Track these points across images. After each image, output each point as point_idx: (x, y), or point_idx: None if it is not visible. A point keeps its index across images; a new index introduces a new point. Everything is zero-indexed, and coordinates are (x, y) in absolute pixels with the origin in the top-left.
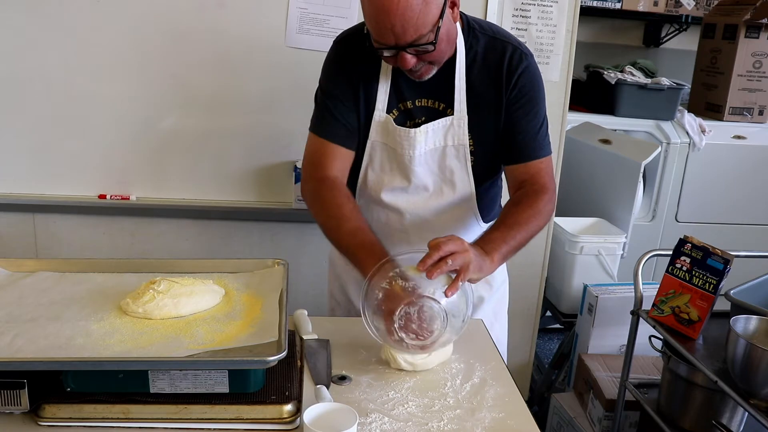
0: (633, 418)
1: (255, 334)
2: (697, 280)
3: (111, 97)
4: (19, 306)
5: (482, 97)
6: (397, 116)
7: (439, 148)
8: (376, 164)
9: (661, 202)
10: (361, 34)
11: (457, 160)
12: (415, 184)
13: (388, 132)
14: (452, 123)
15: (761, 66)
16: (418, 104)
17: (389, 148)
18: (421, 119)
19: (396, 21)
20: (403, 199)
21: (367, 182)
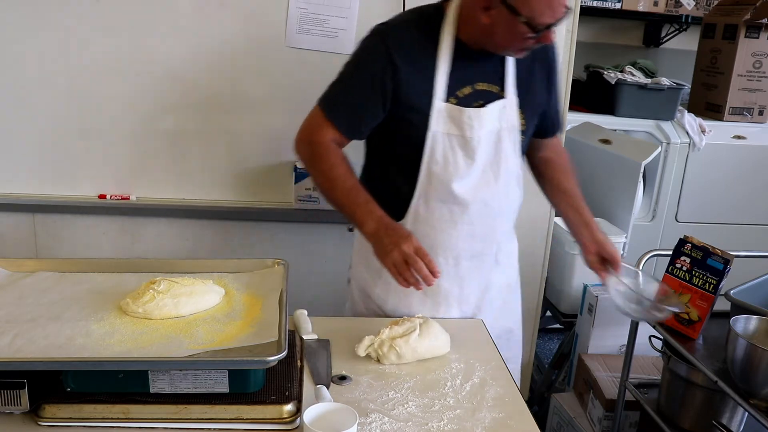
0: (633, 418)
1: (255, 334)
2: (697, 280)
3: (111, 97)
4: (19, 306)
5: (528, 79)
6: (455, 103)
7: (495, 131)
8: (439, 155)
9: (661, 202)
10: (412, 24)
11: (510, 142)
12: (476, 167)
13: (453, 118)
14: (505, 105)
15: (761, 66)
16: (477, 88)
17: (452, 136)
18: (479, 102)
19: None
20: (469, 188)
21: (431, 176)
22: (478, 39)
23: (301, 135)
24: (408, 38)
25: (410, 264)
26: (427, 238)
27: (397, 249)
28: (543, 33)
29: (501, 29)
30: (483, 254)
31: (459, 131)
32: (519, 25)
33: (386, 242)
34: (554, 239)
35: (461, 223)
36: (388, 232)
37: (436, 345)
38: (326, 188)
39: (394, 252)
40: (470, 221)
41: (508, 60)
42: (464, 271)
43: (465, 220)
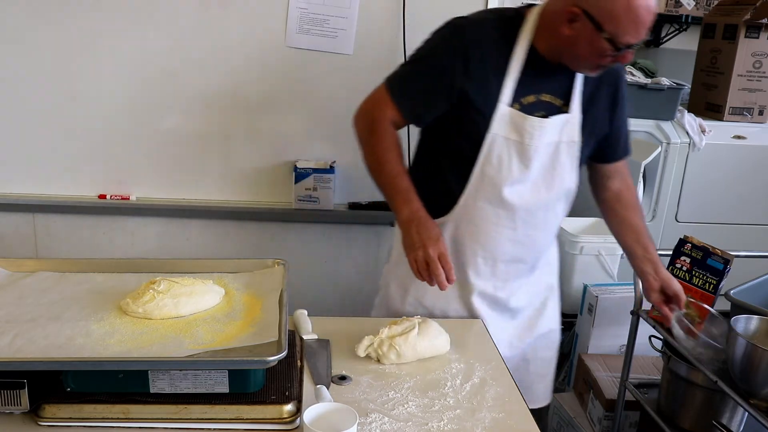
0: (633, 418)
1: (255, 334)
2: (697, 280)
3: (111, 97)
4: (19, 306)
5: (594, 97)
6: (519, 109)
7: (553, 144)
8: (495, 157)
9: (661, 202)
10: (492, 24)
11: (568, 157)
12: (532, 176)
13: (515, 124)
14: (568, 120)
15: (761, 66)
16: (542, 99)
17: (510, 141)
18: (541, 113)
19: (650, 19)
20: (519, 195)
21: (484, 177)
22: (555, 50)
23: (364, 107)
24: (484, 37)
25: (430, 268)
26: (469, 237)
27: (423, 249)
28: (623, 52)
29: (582, 43)
30: (521, 260)
31: (519, 137)
32: (601, 41)
33: (415, 237)
34: None
35: (505, 227)
36: (420, 228)
37: (435, 344)
38: (374, 167)
39: (419, 251)
40: (514, 227)
41: (577, 76)
42: (501, 274)
43: (509, 225)
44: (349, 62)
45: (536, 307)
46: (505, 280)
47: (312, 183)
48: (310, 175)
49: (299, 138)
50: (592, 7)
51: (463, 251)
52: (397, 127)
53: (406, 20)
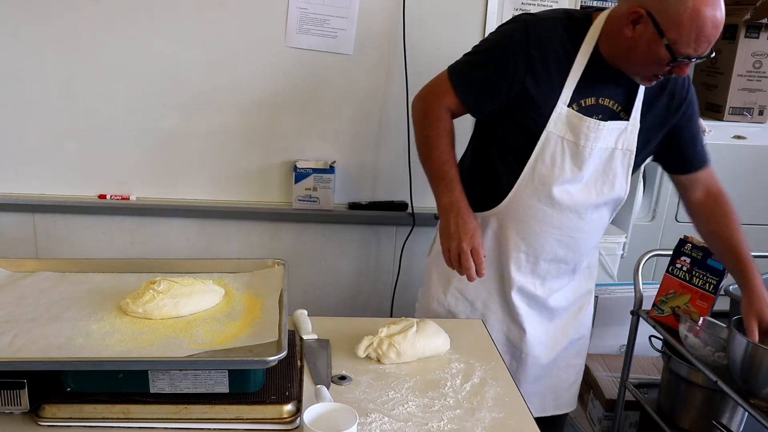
0: (633, 418)
1: (255, 334)
2: (697, 280)
3: (111, 97)
4: (19, 306)
5: (653, 106)
6: (577, 110)
7: (609, 150)
8: (548, 156)
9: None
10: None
11: (621, 165)
12: (584, 179)
13: (571, 124)
14: (626, 128)
15: (761, 66)
16: (601, 102)
17: (565, 141)
18: (599, 116)
19: (714, 35)
20: (568, 195)
21: (534, 174)
22: (616, 53)
23: (424, 92)
24: (550, 36)
25: (461, 259)
26: (514, 232)
27: (457, 241)
28: (679, 64)
29: (641, 47)
30: (563, 261)
31: (574, 138)
32: (660, 47)
33: (452, 227)
34: None
35: (551, 226)
36: (458, 219)
37: (435, 342)
38: (424, 151)
39: (453, 243)
40: (559, 227)
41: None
42: (541, 272)
43: (555, 225)
44: (349, 62)
45: (573, 312)
46: (545, 279)
47: (312, 183)
48: (310, 175)
49: (299, 138)
50: (657, 11)
51: (506, 246)
52: (453, 115)
53: (406, 20)
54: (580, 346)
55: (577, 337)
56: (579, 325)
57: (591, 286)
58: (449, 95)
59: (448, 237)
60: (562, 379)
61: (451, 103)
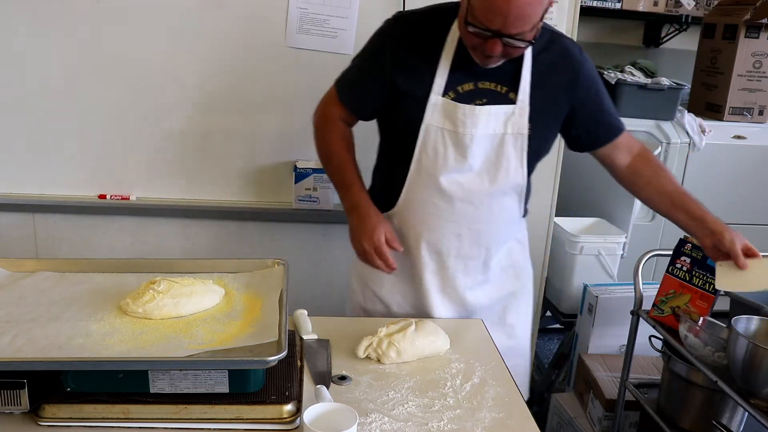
0: (633, 418)
1: (255, 334)
2: (697, 280)
3: (111, 97)
4: (19, 306)
5: (546, 87)
6: (454, 98)
7: (498, 135)
8: (430, 148)
9: None
10: (425, 16)
11: (514, 149)
12: (470, 166)
13: (447, 113)
14: (514, 112)
15: (761, 66)
16: (480, 86)
17: (445, 130)
18: (482, 100)
19: (513, 10)
20: (458, 185)
21: (421, 167)
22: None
23: (317, 107)
24: (415, 29)
25: (369, 260)
26: (413, 230)
27: (359, 243)
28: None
29: (461, 22)
30: (469, 257)
31: (452, 126)
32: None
33: (354, 231)
34: (554, 239)
35: (446, 220)
36: (358, 220)
37: (435, 342)
38: (323, 160)
39: (356, 244)
40: (456, 220)
41: (524, 64)
42: (449, 270)
43: (450, 219)
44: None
45: (497, 313)
46: (454, 277)
47: (312, 183)
48: (310, 175)
49: (299, 138)
50: None
51: (408, 245)
52: (348, 123)
53: None
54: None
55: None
56: (510, 328)
57: (517, 287)
58: (336, 105)
59: (353, 239)
60: None
61: (339, 111)
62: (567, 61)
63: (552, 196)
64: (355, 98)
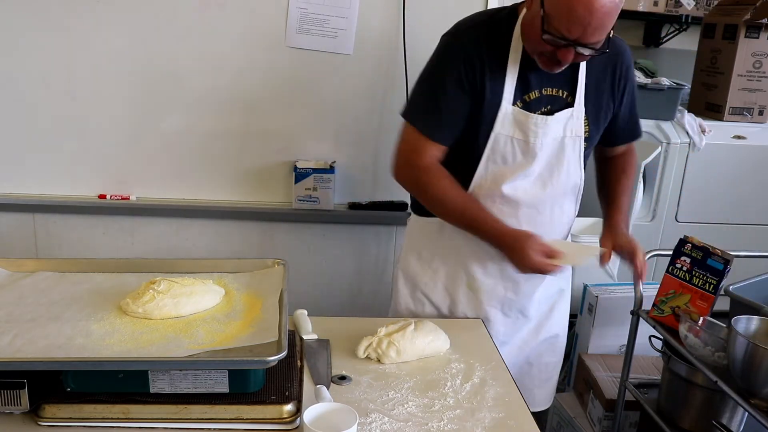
0: (633, 418)
1: (255, 334)
2: (697, 280)
3: (111, 97)
4: (19, 306)
5: (598, 88)
6: (521, 107)
7: (559, 139)
8: (498, 157)
9: (661, 202)
10: (485, 26)
11: (573, 151)
12: (536, 173)
13: (518, 122)
14: (572, 115)
15: (761, 66)
16: (544, 93)
17: (514, 139)
18: (547, 108)
19: (594, 21)
20: (522, 191)
21: (487, 175)
22: (524, 36)
23: (401, 160)
24: (478, 41)
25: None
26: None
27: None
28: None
29: (534, 29)
30: None
31: (523, 136)
32: (539, 20)
33: (514, 259)
34: None
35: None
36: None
37: (434, 341)
38: (441, 213)
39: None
40: (518, 224)
41: (580, 67)
42: (510, 275)
43: (513, 223)
44: (349, 62)
45: (544, 311)
46: (515, 282)
47: (312, 183)
48: (310, 175)
49: (299, 138)
50: None
51: (469, 250)
52: (440, 159)
53: (406, 20)
54: (555, 345)
55: (550, 336)
56: (553, 324)
57: (564, 284)
58: (427, 146)
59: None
60: (536, 377)
61: (433, 152)
62: (617, 61)
63: None
64: (448, 132)
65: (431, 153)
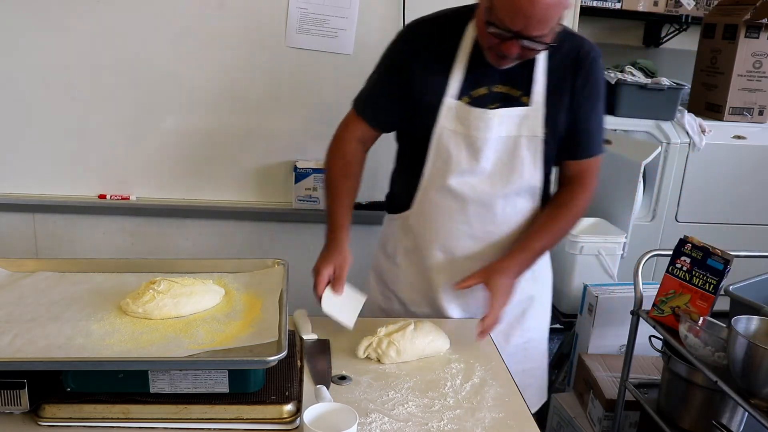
0: (633, 418)
1: (255, 334)
2: (697, 280)
3: (111, 97)
4: (19, 306)
5: (558, 90)
6: (468, 102)
7: (512, 138)
8: (443, 151)
9: (661, 202)
10: (438, 21)
11: (529, 151)
12: (483, 168)
13: (460, 117)
14: (528, 114)
15: (761, 66)
16: (494, 90)
17: (459, 134)
18: (495, 105)
19: (536, 12)
20: (470, 186)
21: (434, 169)
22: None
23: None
24: (429, 34)
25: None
26: (427, 232)
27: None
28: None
29: (479, 21)
30: (484, 258)
31: (465, 130)
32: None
33: (320, 256)
34: None
35: (459, 221)
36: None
37: (434, 341)
38: (325, 190)
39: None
40: (467, 221)
41: (537, 66)
42: (463, 272)
43: (462, 219)
44: (349, 62)
45: (512, 317)
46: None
47: (312, 183)
48: (310, 175)
49: (299, 138)
50: None
51: (423, 245)
52: (364, 143)
53: (406, 20)
54: (527, 350)
55: (522, 341)
56: (524, 331)
57: (535, 292)
58: (356, 123)
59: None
60: None
61: (360, 130)
62: (581, 67)
63: None
64: (372, 110)
65: (355, 128)
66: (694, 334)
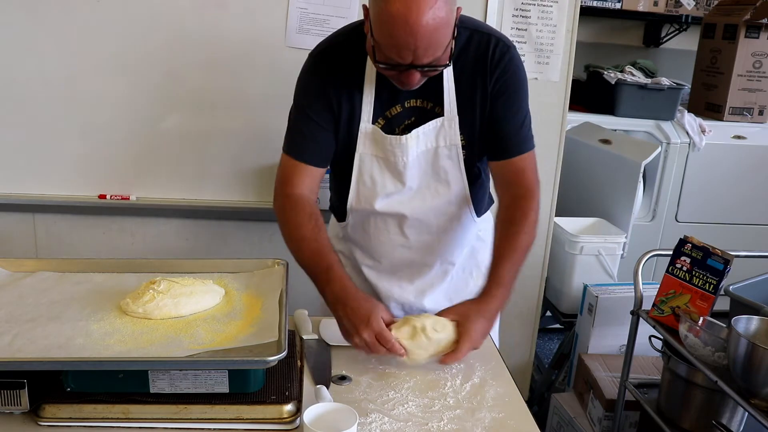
0: (633, 418)
1: (255, 334)
2: (697, 280)
3: (111, 97)
4: (19, 306)
5: (469, 93)
6: (383, 125)
7: (431, 149)
8: (366, 176)
9: (661, 202)
10: (340, 46)
11: (450, 160)
12: (409, 187)
13: (377, 142)
14: (443, 124)
15: (761, 66)
16: (407, 105)
17: (379, 158)
18: (411, 120)
19: (420, 42)
20: (399, 205)
21: (359, 195)
22: None
23: (275, 188)
24: (336, 60)
25: (374, 351)
26: (364, 243)
27: (358, 336)
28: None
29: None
30: (422, 263)
31: (383, 154)
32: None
33: (346, 324)
34: (554, 239)
35: (394, 234)
36: (347, 312)
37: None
38: (293, 249)
39: (356, 338)
40: (403, 234)
41: (445, 75)
42: (404, 276)
43: (398, 232)
44: None
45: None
46: (410, 282)
47: None
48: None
49: None
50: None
51: (361, 257)
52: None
53: None
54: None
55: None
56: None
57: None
58: (300, 172)
59: (349, 334)
60: None
61: (308, 177)
62: (487, 68)
63: (552, 196)
64: (312, 150)
65: (301, 177)
66: (694, 334)
